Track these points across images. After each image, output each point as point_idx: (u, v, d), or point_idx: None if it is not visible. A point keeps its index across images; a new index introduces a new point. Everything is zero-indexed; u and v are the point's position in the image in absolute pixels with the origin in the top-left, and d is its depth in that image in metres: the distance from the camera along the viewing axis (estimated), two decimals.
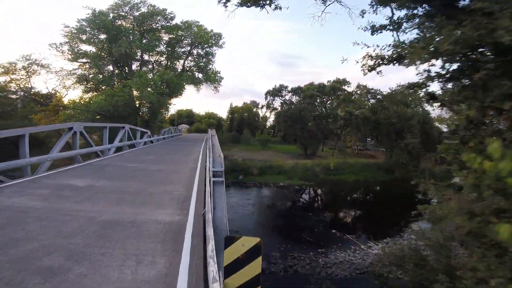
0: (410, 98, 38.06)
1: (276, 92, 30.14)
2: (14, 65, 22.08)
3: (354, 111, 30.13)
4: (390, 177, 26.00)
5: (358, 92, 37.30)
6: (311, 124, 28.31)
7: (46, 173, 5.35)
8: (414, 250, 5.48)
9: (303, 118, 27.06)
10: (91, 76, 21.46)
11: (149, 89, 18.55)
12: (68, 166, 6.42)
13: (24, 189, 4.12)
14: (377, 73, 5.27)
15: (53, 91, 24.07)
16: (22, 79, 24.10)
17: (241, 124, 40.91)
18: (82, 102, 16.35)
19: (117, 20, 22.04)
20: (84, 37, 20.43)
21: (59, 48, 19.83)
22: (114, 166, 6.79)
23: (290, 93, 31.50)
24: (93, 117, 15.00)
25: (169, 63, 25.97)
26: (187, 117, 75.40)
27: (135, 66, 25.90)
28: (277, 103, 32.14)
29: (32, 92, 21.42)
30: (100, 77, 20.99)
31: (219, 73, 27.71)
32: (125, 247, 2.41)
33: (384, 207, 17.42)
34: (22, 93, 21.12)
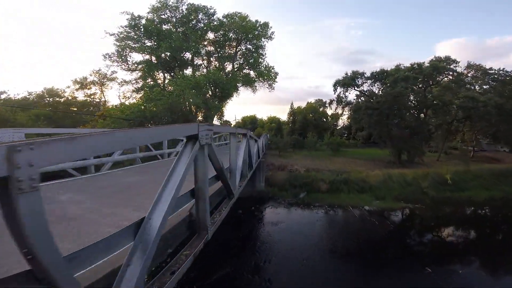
0: None
1: (349, 81, 23.43)
2: (85, 79, 24.75)
3: (479, 97, 20.07)
4: None
5: (469, 74, 26.59)
6: (409, 116, 20.13)
7: None
8: None
9: (400, 108, 19.16)
10: (148, 84, 21.56)
11: (193, 90, 16.40)
12: None
13: None
14: None
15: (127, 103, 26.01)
16: (96, 93, 27.01)
17: (304, 126, 35.39)
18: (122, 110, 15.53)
19: (163, 25, 21.59)
20: (131, 43, 20.54)
21: (111, 57, 20.48)
22: None
23: (370, 81, 23.97)
24: (128, 125, 13.74)
25: (219, 65, 24.08)
26: (251, 123, 75.71)
27: (188, 71, 25.37)
28: (351, 95, 25.27)
29: (109, 106, 23.05)
30: (152, 84, 20.67)
31: (273, 68, 24.08)
32: None
33: None
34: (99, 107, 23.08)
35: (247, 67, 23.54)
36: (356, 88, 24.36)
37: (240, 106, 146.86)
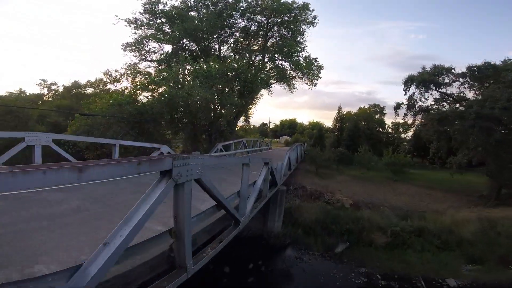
0: None
1: (429, 77, 16.91)
2: (117, 71, 23.80)
3: None
4: None
5: None
6: None
7: None
8: None
9: None
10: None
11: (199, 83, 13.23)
12: None
13: None
14: None
15: None
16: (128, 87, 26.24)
17: (354, 137, 29.16)
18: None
19: (189, 12, 19.13)
20: (154, 32, 18.46)
21: (133, 48, 18.71)
22: None
23: (462, 79, 16.91)
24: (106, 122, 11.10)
25: (249, 56, 20.64)
26: (289, 127, 71.17)
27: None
28: (429, 100, 18.45)
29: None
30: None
31: (316, 60, 19.56)
32: None
33: None
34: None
35: (280, 56, 19.44)
36: (438, 89, 17.69)
37: (281, 109, 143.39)
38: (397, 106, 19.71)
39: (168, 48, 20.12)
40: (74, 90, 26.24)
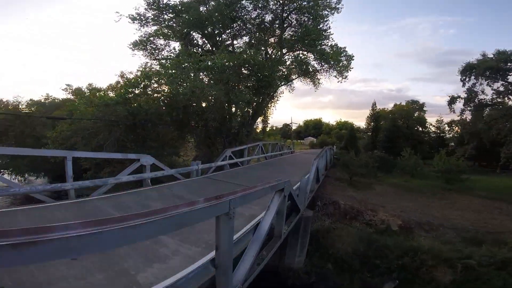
0: None
1: (498, 63, 13.09)
2: (134, 74, 23.25)
3: None
4: None
5: None
6: None
7: None
8: None
9: None
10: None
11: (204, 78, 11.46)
12: None
13: None
14: None
15: None
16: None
17: (392, 138, 25.30)
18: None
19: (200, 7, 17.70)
20: (164, 29, 17.26)
21: (140, 46, 17.69)
22: None
23: None
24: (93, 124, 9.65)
25: (267, 48, 18.69)
26: (314, 128, 67.54)
27: None
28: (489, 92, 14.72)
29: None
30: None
31: (345, 50, 17.16)
32: None
33: None
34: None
35: (300, 46, 17.06)
36: (506, 78, 13.88)
37: (304, 110, 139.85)
38: (452, 100, 16.04)
39: (177, 45, 18.93)
40: (98, 93, 26.33)
